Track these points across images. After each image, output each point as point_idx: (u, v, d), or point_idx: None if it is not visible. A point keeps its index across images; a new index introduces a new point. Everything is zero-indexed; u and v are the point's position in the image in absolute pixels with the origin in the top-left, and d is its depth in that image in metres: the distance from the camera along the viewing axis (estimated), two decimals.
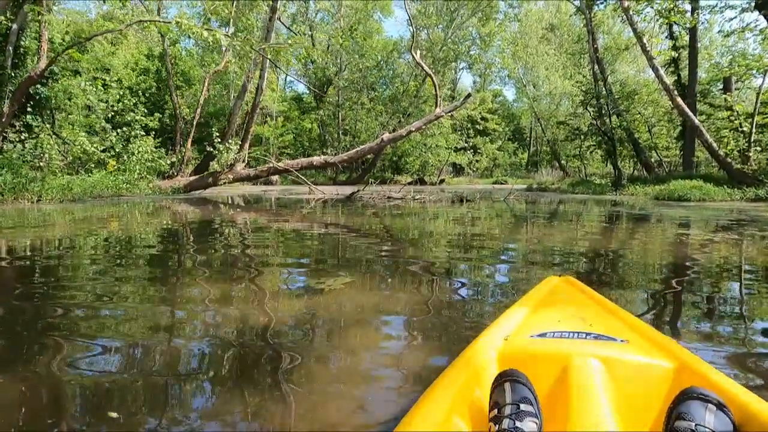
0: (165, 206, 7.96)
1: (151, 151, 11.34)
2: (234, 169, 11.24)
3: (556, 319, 1.10)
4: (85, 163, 10.47)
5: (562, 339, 0.98)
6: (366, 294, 2.21)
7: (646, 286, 2.46)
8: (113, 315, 1.84)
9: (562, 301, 1.32)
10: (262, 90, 10.76)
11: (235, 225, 5.46)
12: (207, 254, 3.41)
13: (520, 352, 0.97)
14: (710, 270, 2.89)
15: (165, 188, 10.80)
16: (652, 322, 1.75)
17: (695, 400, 0.73)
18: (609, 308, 1.22)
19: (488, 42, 24.64)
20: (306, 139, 28.74)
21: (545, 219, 6.27)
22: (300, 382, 1.24)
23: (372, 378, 1.30)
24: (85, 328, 1.69)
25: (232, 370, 1.33)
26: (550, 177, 24.90)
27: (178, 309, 1.96)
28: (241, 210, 7.85)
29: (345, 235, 4.62)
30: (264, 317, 1.83)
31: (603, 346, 0.94)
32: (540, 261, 3.19)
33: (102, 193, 9.08)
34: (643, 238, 4.60)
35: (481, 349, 1.00)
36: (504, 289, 2.36)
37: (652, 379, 0.88)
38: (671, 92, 12.22)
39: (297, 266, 3.02)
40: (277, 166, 11.32)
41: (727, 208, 8.32)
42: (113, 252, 3.46)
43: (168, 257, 3.32)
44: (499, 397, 0.79)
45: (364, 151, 11.74)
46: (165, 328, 1.70)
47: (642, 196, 11.92)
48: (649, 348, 0.96)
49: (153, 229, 4.85)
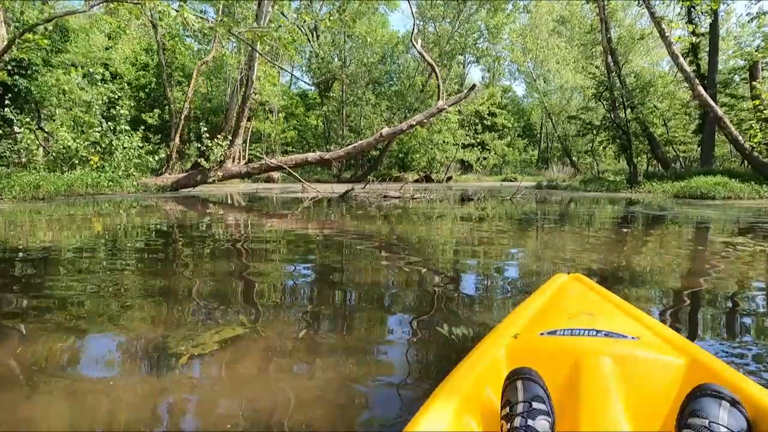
0: (141, 205, 7.41)
1: (137, 147, 10.80)
2: (224, 166, 10.68)
3: (566, 317, 1.10)
4: (68, 159, 9.99)
5: (572, 336, 0.97)
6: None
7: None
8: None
9: (571, 298, 1.30)
10: (252, 82, 10.14)
11: (195, 230, 4.86)
12: (119, 282, 2.80)
13: (531, 350, 0.97)
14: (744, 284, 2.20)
15: (152, 186, 10.27)
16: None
17: (708, 397, 0.72)
18: (619, 305, 1.20)
19: (496, 34, 23.76)
20: (311, 135, 28.18)
21: (553, 222, 5.55)
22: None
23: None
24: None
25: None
26: (561, 174, 24.01)
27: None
28: (220, 210, 7.25)
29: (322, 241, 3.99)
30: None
31: (614, 344, 0.93)
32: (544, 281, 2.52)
33: (81, 191, 8.57)
34: (674, 250, 3.88)
35: (491, 346, 1.00)
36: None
37: (664, 376, 0.87)
38: (692, 81, 11.32)
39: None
40: (270, 163, 10.73)
41: (757, 208, 7.50)
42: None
43: (80, 273, 2.71)
44: (511, 395, 0.79)
45: (362, 146, 11.09)
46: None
47: (660, 194, 11.07)
48: (660, 345, 0.95)
49: (89, 234, 4.26)
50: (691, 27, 11.64)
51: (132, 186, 9.80)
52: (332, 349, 1.45)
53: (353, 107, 24.72)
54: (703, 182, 10.44)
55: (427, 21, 24.82)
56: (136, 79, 21.86)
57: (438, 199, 9.55)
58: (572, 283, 1.42)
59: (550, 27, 28.93)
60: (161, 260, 3.04)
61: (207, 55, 13.32)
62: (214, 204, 8.15)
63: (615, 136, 15.80)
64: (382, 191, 9.67)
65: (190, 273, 2.60)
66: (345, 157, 11.26)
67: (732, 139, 11.47)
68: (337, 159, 10.88)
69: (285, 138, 25.63)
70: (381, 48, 24.94)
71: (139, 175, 10.82)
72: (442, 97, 11.11)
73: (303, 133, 28.09)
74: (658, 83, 18.93)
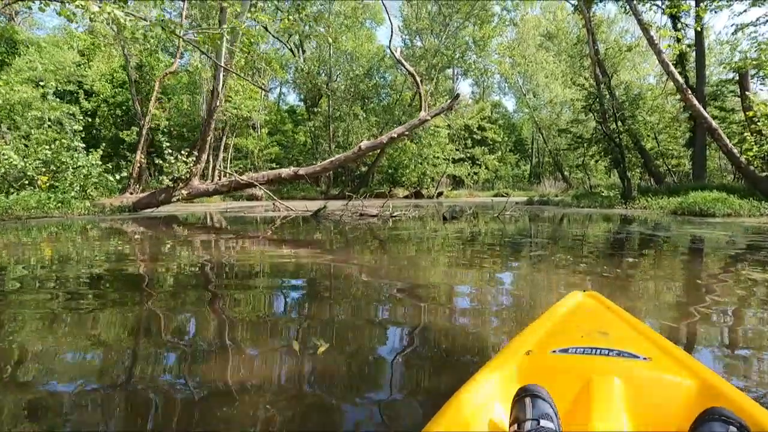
0: (84, 229, 6.57)
1: (96, 165, 9.98)
2: (190, 184, 9.89)
3: (579, 335, 1.09)
4: (18, 179, 9.16)
5: (584, 355, 0.97)
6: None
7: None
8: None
9: (585, 316, 1.29)
10: (218, 93, 9.42)
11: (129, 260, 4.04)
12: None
13: (542, 367, 0.97)
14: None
15: (111, 207, 9.42)
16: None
17: (717, 421, 0.72)
18: (633, 325, 1.19)
19: (483, 47, 23.47)
20: (297, 152, 27.53)
21: (542, 247, 4.81)
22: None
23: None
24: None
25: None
26: (553, 189, 23.48)
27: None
28: (173, 234, 6.43)
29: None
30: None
31: (625, 364, 0.93)
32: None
33: (20, 215, 7.71)
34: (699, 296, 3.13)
35: (503, 362, 1.00)
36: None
37: (674, 398, 0.87)
38: (684, 91, 10.80)
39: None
40: (240, 180, 9.97)
41: (763, 227, 6.85)
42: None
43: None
44: (519, 413, 0.78)
45: (339, 160, 10.38)
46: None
47: (657, 210, 10.42)
48: (671, 366, 0.95)
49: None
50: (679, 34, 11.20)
51: (83, 207, 8.94)
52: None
53: (340, 122, 24.16)
54: (701, 198, 9.82)
55: (413, 34, 24.56)
56: (112, 96, 21.17)
57: (420, 217, 8.81)
58: (587, 301, 1.41)
59: (537, 42, 28.88)
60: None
61: (170, 66, 12.61)
62: (169, 225, 7.33)
63: (607, 149, 15.26)
64: (360, 209, 8.93)
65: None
66: (321, 172, 10.54)
67: (726, 151, 10.92)
68: (312, 174, 10.15)
69: (269, 154, 24.91)
70: (368, 62, 24.56)
71: (96, 195, 9.97)
72: (424, 108, 10.49)
73: (290, 150, 27.44)
74: (648, 95, 18.61)
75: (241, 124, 21.58)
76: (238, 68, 19.67)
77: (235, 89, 17.15)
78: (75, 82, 19.47)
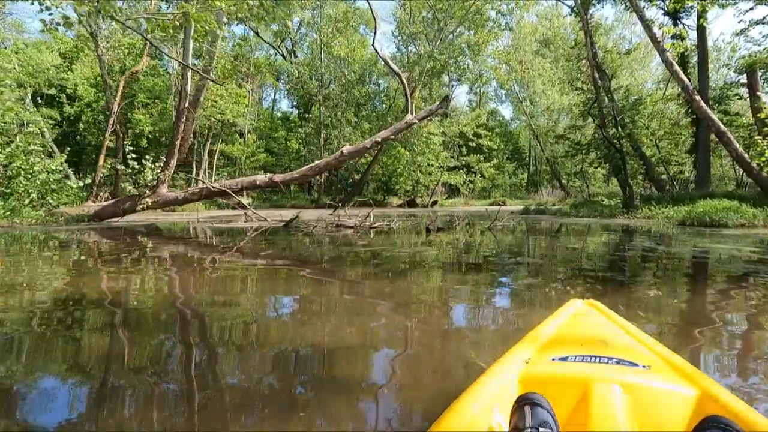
0: (31, 240, 5.77)
1: (56, 171, 9.21)
2: (158, 192, 9.11)
3: (578, 343, 1.07)
4: None
5: (583, 363, 0.95)
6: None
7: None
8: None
9: (585, 324, 1.26)
10: (186, 93, 8.70)
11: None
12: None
13: (541, 375, 0.95)
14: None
15: (66, 217, 8.62)
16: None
17: (716, 429, 0.71)
18: (632, 333, 1.16)
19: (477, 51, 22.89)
20: (288, 159, 26.82)
21: (534, 274, 4.01)
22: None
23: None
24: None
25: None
26: (551, 197, 22.72)
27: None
28: (128, 244, 5.62)
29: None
30: None
31: (625, 372, 0.91)
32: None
33: None
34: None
35: (503, 370, 0.98)
36: None
37: (673, 407, 0.86)
38: (690, 91, 10.08)
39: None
40: (212, 187, 9.19)
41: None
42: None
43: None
44: (518, 421, 0.77)
45: (319, 166, 9.62)
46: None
47: (662, 220, 9.63)
48: (671, 374, 0.93)
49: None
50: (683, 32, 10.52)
51: (35, 216, 8.14)
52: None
53: (332, 129, 23.48)
54: (710, 207, 9.06)
55: (407, 39, 24.01)
56: (95, 101, 20.48)
57: (403, 229, 8.02)
58: (587, 309, 1.39)
59: (533, 48, 28.37)
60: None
61: (137, 65, 11.92)
62: (124, 236, 6.53)
63: (607, 156, 14.53)
64: (337, 220, 8.15)
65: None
66: (300, 178, 9.77)
67: (736, 156, 10.19)
68: (289, 181, 9.38)
69: (257, 161, 24.17)
70: (360, 68, 23.97)
71: (57, 203, 9.19)
72: (411, 111, 9.77)
73: (281, 157, 26.74)
74: (648, 100, 17.97)
75: (228, 130, 20.87)
76: (223, 72, 19.12)
77: (218, 93, 16.45)
78: (56, 86, 18.79)
